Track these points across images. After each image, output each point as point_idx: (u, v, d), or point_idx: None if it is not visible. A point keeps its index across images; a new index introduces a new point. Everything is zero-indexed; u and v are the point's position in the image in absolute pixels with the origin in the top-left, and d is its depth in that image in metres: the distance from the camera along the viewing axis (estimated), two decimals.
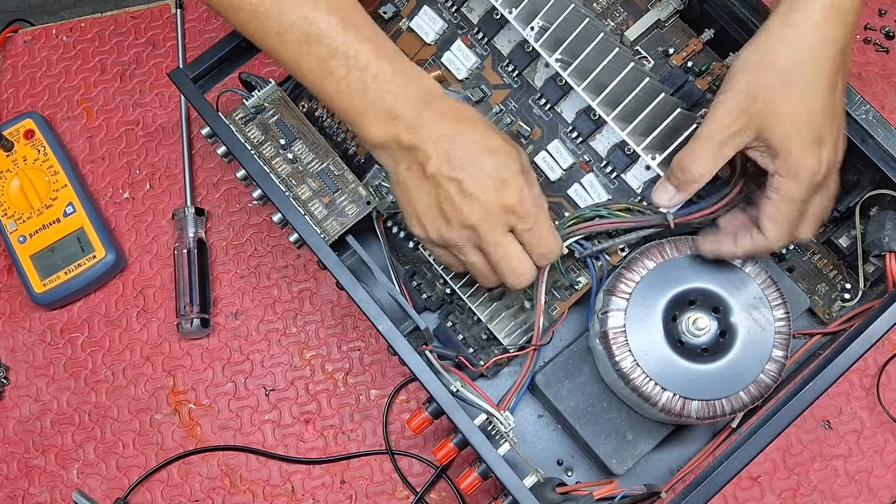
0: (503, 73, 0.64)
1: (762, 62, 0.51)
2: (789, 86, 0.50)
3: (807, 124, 0.50)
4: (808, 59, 0.50)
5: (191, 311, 0.71)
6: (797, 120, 0.50)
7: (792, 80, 0.50)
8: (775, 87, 0.50)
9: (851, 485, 0.67)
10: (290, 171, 0.63)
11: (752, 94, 0.51)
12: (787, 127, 0.50)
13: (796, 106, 0.50)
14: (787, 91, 0.50)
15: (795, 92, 0.50)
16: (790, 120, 0.50)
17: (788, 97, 0.50)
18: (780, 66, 0.50)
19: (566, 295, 0.63)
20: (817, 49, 0.50)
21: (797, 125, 0.50)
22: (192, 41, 0.81)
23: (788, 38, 0.51)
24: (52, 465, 0.71)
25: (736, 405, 0.56)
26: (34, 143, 0.76)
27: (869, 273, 0.63)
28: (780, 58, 0.50)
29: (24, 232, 0.73)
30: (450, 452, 0.58)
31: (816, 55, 0.50)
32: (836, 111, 0.52)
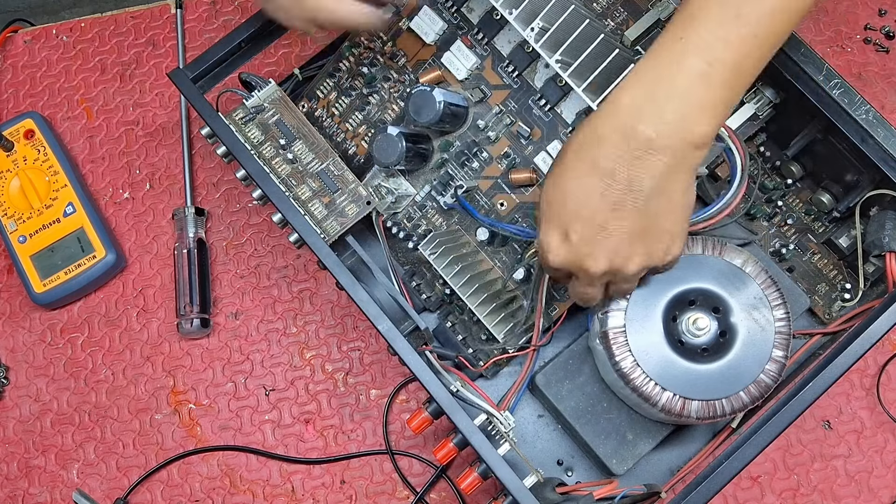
0: (503, 73, 0.64)
1: (570, 135, 0.52)
2: (557, 165, 0.51)
3: (551, 205, 0.51)
4: (574, 148, 0.50)
5: (191, 311, 0.71)
6: (547, 196, 0.51)
7: (561, 158, 0.51)
8: (555, 161, 0.52)
9: (851, 485, 0.67)
10: (290, 171, 0.63)
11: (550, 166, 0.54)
12: (543, 197, 0.51)
13: (552, 184, 0.51)
14: (555, 168, 0.51)
15: (557, 172, 0.51)
16: (546, 194, 0.51)
17: (553, 174, 0.51)
18: (564, 146, 0.51)
19: (565, 296, 0.63)
20: (584, 144, 0.49)
21: (546, 201, 0.51)
22: (192, 41, 0.81)
23: (582, 124, 0.51)
24: (52, 465, 0.71)
25: (736, 405, 0.56)
26: (34, 143, 0.76)
27: (869, 273, 0.63)
28: (571, 135, 0.51)
29: (24, 232, 0.73)
30: (450, 452, 0.58)
31: (581, 149, 0.49)
32: (588, 218, 0.49)
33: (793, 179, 0.66)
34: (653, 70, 0.48)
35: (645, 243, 0.50)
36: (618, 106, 0.48)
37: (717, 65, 0.47)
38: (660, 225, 0.50)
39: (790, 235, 0.67)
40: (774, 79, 0.60)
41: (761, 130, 0.66)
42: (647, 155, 0.47)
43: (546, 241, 0.51)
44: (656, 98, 0.47)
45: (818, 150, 0.63)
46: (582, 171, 0.49)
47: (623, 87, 0.49)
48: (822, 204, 0.65)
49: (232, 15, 0.82)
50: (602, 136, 0.48)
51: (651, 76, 0.48)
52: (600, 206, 0.48)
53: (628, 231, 0.49)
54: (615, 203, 0.48)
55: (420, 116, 0.60)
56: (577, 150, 0.49)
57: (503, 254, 0.64)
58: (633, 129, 0.47)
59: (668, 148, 0.47)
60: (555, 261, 0.51)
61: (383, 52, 0.67)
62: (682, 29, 0.48)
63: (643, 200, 0.48)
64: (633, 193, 0.48)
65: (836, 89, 0.58)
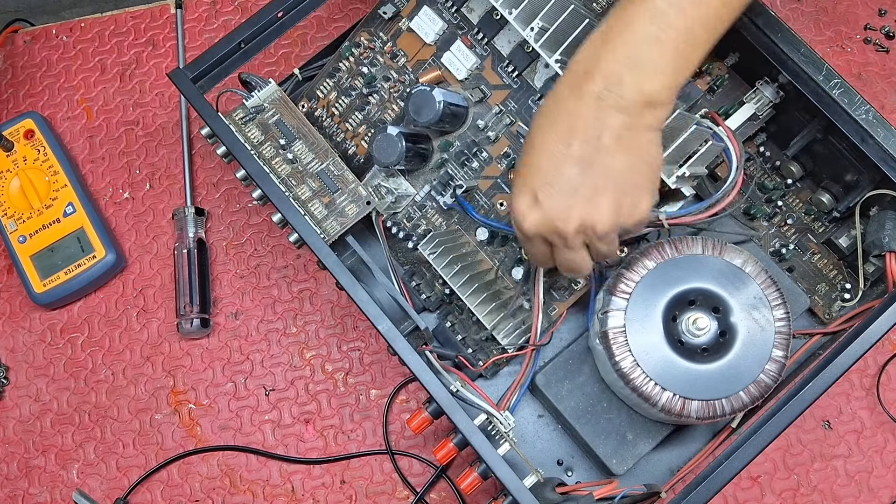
0: (503, 73, 0.64)
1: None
2: (526, 139, 0.52)
3: (519, 173, 0.51)
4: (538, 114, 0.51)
5: (191, 311, 0.71)
6: (517, 167, 0.52)
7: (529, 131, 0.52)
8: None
9: (851, 485, 0.67)
10: (290, 171, 0.63)
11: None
12: (514, 170, 0.52)
13: (521, 154, 0.51)
14: (525, 143, 0.52)
15: (526, 143, 0.52)
16: (516, 167, 0.52)
17: (523, 147, 0.52)
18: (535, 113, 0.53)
19: (565, 295, 0.63)
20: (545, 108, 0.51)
21: (516, 171, 0.52)
22: (192, 41, 0.81)
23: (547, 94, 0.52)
24: (52, 465, 0.71)
25: (736, 405, 0.56)
26: (34, 143, 0.76)
27: (869, 273, 0.63)
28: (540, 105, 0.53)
29: (24, 232, 0.73)
30: (450, 452, 0.58)
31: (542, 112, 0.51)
32: (554, 176, 0.50)
33: (793, 179, 0.66)
34: (608, 32, 0.50)
35: (611, 198, 0.51)
36: (573, 68, 0.50)
37: (670, 30, 0.49)
38: (625, 179, 0.51)
39: (790, 235, 0.67)
40: (774, 79, 0.60)
41: (761, 130, 0.66)
42: (603, 112, 0.49)
43: (517, 209, 0.51)
44: (609, 58, 0.49)
45: (818, 150, 0.63)
46: (545, 133, 0.50)
47: (580, 50, 0.51)
48: (822, 204, 0.65)
49: (232, 15, 0.82)
50: (560, 98, 0.50)
51: (605, 38, 0.50)
52: (563, 165, 0.50)
53: (595, 186, 0.50)
54: (579, 160, 0.49)
55: (420, 116, 0.60)
56: (539, 116, 0.51)
57: (503, 254, 0.64)
58: (586, 89, 0.49)
59: (623, 106, 0.49)
60: (528, 227, 0.51)
61: (383, 51, 0.67)
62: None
63: (606, 156, 0.49)
64: (596, 150, 0.49)
65: (836, 89, 0.58)
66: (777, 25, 0.59)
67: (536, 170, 0.50)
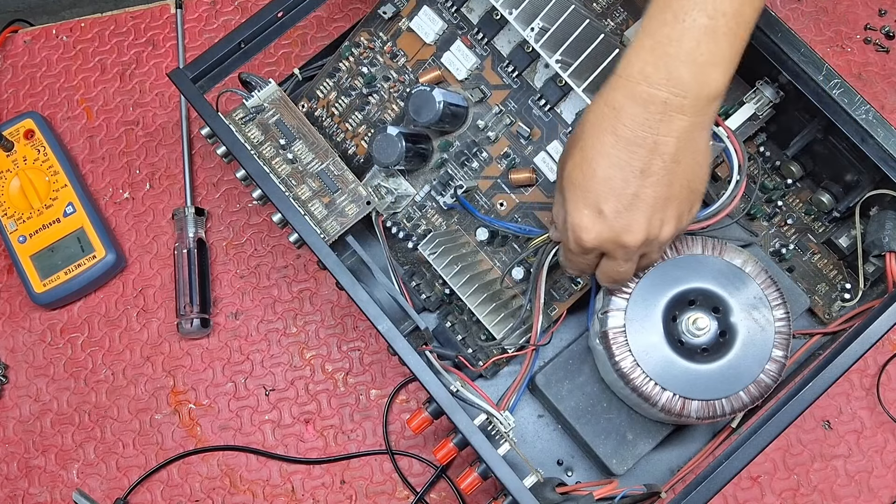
0: (503, 73, 0.64)
1: (580, 121, 0.51)
2: (575, 146, 0.50)
3: (579, 186, 0.49)
4: (593, 124, 0.49)
5: (191, 311, 0.71)
6: (573, 179, 0.50)
7: (577, 142, 0.50)
8: (570, 145, 0.51)
9: (851, 485, 0.67)
10: (290, 171, 0.63)
11: (563, 150, 0.52)
12: (566, 181, 0.50)
13: (574, 166, 0.50)
14: (573, 150, 0.50)
15: (577, 153, 0.50)
16: (569, 177, 0.50)
17: (573, 156, 0.50)
18: (579, 127, 0.50)
19: (565, 295, 0.63)
20: (602, 119, 0.49)
21: (572, 184, 0.50)
22: (192, 41, 0.81)
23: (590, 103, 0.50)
24: (52, 465, 0.71)
25: (736, 405, 0.56)
26: (34, 143, 0.76)
27: (869, 273, 0.63)
28: (582, 118, 0.50)
29: (24, 232, 0.73)
30: (450, 452, 0.58)
31: (600, 125, 0.49)
32: (620, 189, 0.48)
33: (793, 179, 0.66)
34: (657, 32, 0.48)
35: (675, 206, 0.50)
36: (628, 74, 0.48)
37: (720, 17, 0.47)
38: (687, 186, 0.50)
39: (790, 235, 0.67)
40: (774, 79, 0.60)
41: (761, 130, 0.66)
42: (667, 116, 0.47)
43: (578, 223, 0.50)
44: (664, 59, 0.47)
45: (818, 150, 0.63)
46: (605, 144, 0.48)
47: (629, 55, 0.48)
48: (822, 204, 0.65)
49: (232, 15, 0.82)
50: (619, 108, 0.48)
51: (656, 38, 0.47)
52: (630, 176, 0.48)
53: (660, 196, 0.49)
54: (643, 170, 0.48)
55: (420, 116, 0.60)
56: (593, 127, 0.49)
57: (503, 254, 0.64)
58: (647, 93, 0.47)
59: (686, 106, 0.47)
60: (590, 240, 0.50)
61: (383, 51, 0.67)
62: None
63: (671, 162, 0.48)
64: (660, 157, 0.48)
65: (836, 89, 0.58)
66: (777, 25, 0.59)
67: (600, 182, 0.49)
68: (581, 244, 0.50)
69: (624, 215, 0.49)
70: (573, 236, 0.50)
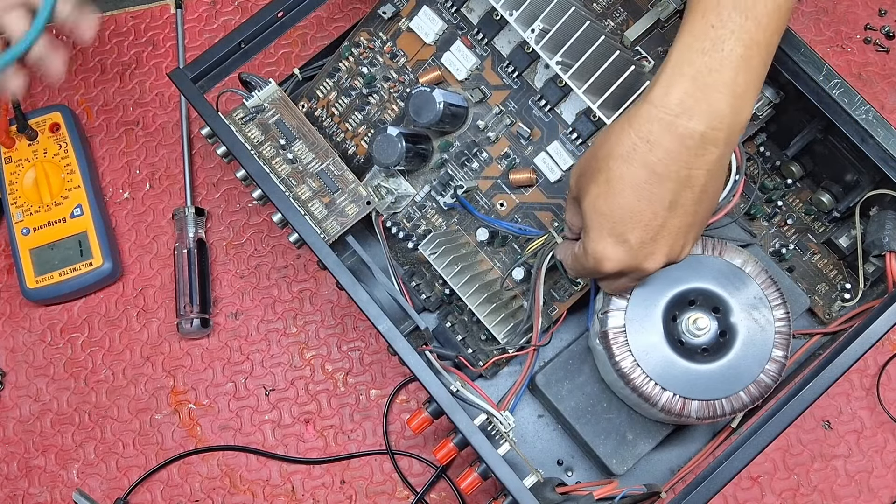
0: (503, 74, 0.64)
1: (600, 141, 0.50)
2: (599, 174, 0.49)
3: (605, 216, 0.49)
4: (622, 156, 0.48)
5: (191, 311, 0.71)
6: (597, 207, 0.49)
7: (602, 170, 0.49)
8: (592, 170, 0.50)
9: (851, 485, 0.67)
10: (290, 171, 0.63)
11: (584, 167, 0.51)
12: (588, 209, 0.50)
13: (598, 195, 0.49)
14: (597, 177, 0.49)
15: (602, 181, 0.49)
16: (592, 205, 0.49)
17: (597, 183, 0.49)
18: (603, 152, 0.49)
19: (565, 296, 0.63)
20: (634, 151, 0.47)
21: (596, 212, 0.49)
22: (192, 41, 0.81)
23: (615, 129, 0.49)
24: (52, 465, 0.71)
25: (736, 405, 0.56)
26: (58, 137, 0.76)
27: (869, 273, 0.63)
28: (605, 144, 0.49)
29: (29, 224, 0.73)
30: (450, 452, 0.58)
31: (631, 157, 0.47)
32: (648, 221, 0.48)
33: (793, 179, 0.66)
34: (696, 61, 0.47)
35: (694, 231, 0.51)
36: (665, 105, 0.47)
37: (755, 47, 0.47)
38: (706, 211, 0.51)
39: (790, 235, 0.67)
40: (774, 79, 0.60)
41: (761, 130, 0.66)
42: (702, 149, 0.47)
43: (601, 251, 0.49)
44: (704, 91, 0.46)
45: (818, 150, 0.64)
46: (636, 178, 0.47)
47: (664, 85, 0.47)
48: (822, 204, 0.65)
49: (232, 15, 0.82)
50: (654, 142, 0.47)
51: (696, 68, 0.47)
52: (659, 209, 0.48)
53: (686, 224, 0.49)
54: (672, 202, 0.48)
55: (420, 117, 0.60)
56: (624, 159, 0.48)
57: (503, 254, 0.64)
58: (686, 127, 0.46)
59: (721, 139, 0.47)
60: (612, 268, 0.50)
61: (383, 51, 0.67)
62: (713, 16, 0.47)
63: (699, 192, 0.48)
64: (691, 189, 0.48)
65: (836, 89, 0.58)
66: None
67: (627, 214, 0.48)
68: (601, 270, 0.51)
69: (648, 245, 0.49)
70: (593, 262, 0.50)
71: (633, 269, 0.50)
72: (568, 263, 0.55)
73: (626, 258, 0.49)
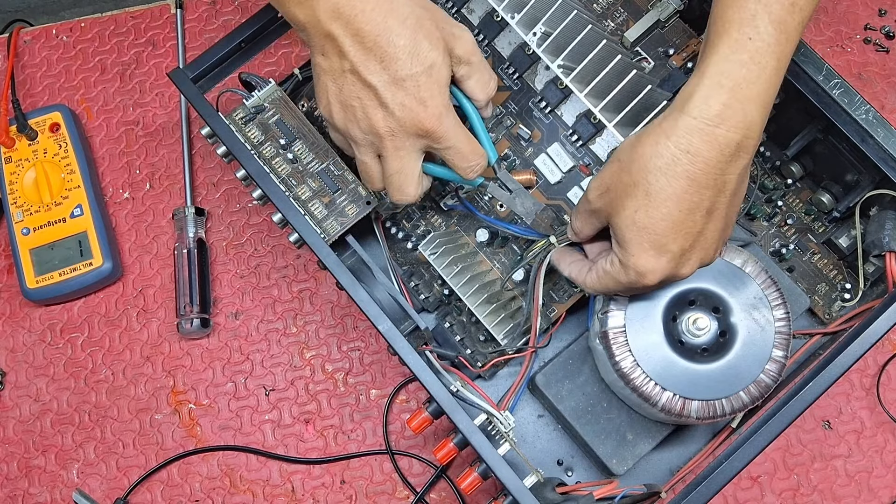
0: (503, 75, 0.64)
1: (631, 155, 0.49)
2: (636, 188, 0.49)
3: (646, 229, 0.49)
4: (661, 169, 0.48)
5: (191, 311, 0.71)
6: (636, 221, 0.49)
7: (639, 184, 0.49)
8: (626, 184, 0.49)
9: (851, 485, 0.67)
10: (290, 171, 0.63)
11: (612, 181, 0.50)
12: (625, 223, 0.50)
13: (637, 208, 0.49)
14: (635, 191, 0.49)
15: (641, 195, 0.49)
16: (630, 219, 0.49)
17: (634, 197, 0.49)
18: (637, 166, 0.49)
19: (564, 297, 0.63)
20: (675, 163, 0.48)
21: (635, 226, 0.49)
22: (192, 41, 0.81)
23: (649, 142, 0.49)
24: (52, 465, 0.71)
25: (736, 405, 0.56)
26: (58, 137, 0.76)
27: (869, 273, 0.63)
28: (640, 157, 0.49)
29: (29, 224, 0.73)
30: (450, 452, 0.58)
31: (672, 169, 0.48)
32: (688, 229, 0.49)
33: (793, 179, 0.66)
34: (734, 74, 0.48)
35: (726, 234, 0.52)
36: (705, 117, 0.47)
37: (784, 59, 0.49)
38: (735, 213, 0.52)
39: (790, 235, 0.67)
40: None
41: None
42: (736, 157, 0.48)
43: (642, 265, 0.50)
44: (742, 102, 0.48)
45: (818, 150, 0.64)
46: (678, 189, 0.48)
47: (703, 96, 0.48)
48: (822, 204, 0.65)
49: (232, 15, 0.82)
50: (695, 153, 0.47)
51: (733, 81, 0.48)
52: (698, 217, 0.49)
53: (719, 229, 0.51)
54: (709, 209, 0.49)
55: None
56: (665, 170, 0.48)
57: (502, 255, 0.64)
58: (725, 137, 0.47)
59: (751, 146, 0.49)
60: (654, 280, 0.50)
61: None
62: (750, 29, 0.48)
63: (731, 197, 0.50)
64: (724, 195, 0.49)
65: (836, 89, 0.58)
66: None
67: (669, 225, 0.49)
68: (644, 283, 0.51)
69: (688, 253, 0.50)
70: (635, 276, 0.51)
71: (671, 278, 0.51)
72: (591, 281, 0.54)
73: (668, 269, 0.50)
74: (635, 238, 0.50)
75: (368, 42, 0.49)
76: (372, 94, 0.50)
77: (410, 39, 0.50)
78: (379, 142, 0.52)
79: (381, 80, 0.50)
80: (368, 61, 0.50)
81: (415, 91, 0.50)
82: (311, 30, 0.51)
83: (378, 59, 0.50)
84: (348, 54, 0.50)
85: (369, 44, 0.49)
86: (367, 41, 0.49)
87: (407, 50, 0.50)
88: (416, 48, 0.50)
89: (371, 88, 0.50)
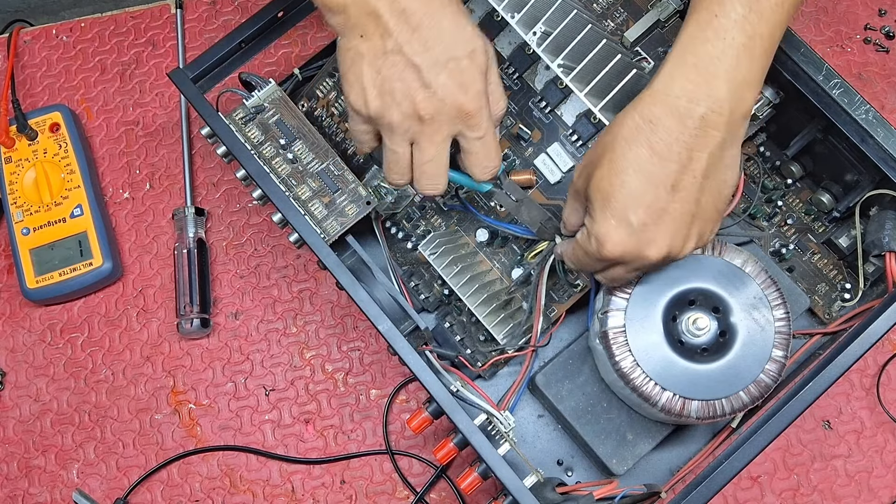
0: (503, 75, 0.64)
1: (607, 129, 0.51)
2: (603, 157, 0.50)
3: (607, 197, 0.49)
4: (625, 137, 0.49)
5: (191, 311, 0.71)
6: (600, 188, 0.49)
7: (606, 153, 0.49)
8: (598, 156, 0.50)
9: (851, 485, 0.67)
10: (290, 171, 0.63)
11: (588, 159, 0.51)
12: (591, 191, 0.50)
13: (602, 177, 0.49)
14: (601, 160, 0.50)
15: (606, 163, 0.49)
16: (595, 187, 0.50)
17: (600, 166, 0.50)
18: (608, 138, 0.50)
19: (564, 297, 0.63)
20: (637, 131, 0.48)
21: (599, 193, 0.49)
22: (192, 41, 0.81)
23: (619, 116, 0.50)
24: (52, 465, 0.71)
25: (736, 405, 0.56)
26: (58, 137, 0.76)
27: (869, 273, 0.63)
28: (610, 131, 0.50)
29: (29, 224, 0.73)
30: (450, 452, 0.58)
31: (635, 137, 0.48)
32: (649, 203, 0.49)
33: (793, 179, 0.66)
34: (699, 50, 0.48)
35: (700, 224, 0.51)
36: (667, 89, 0.48)
37: (757, 38, 0.48)
38: (712, 205, 0.51)
39: (790, 235, 0.67)
40: (774, 79, 0.60)
41: (761, 130, 0.66)
42: (703, 132, 0.48)
43: (603, 232, 0.50)
44: (706, 77, 0.48)
45: (818, 150, 0.64)
46: (639, 157, 0.48)
47: (669, 71, 0.49)
48: (822, 204, 0.65)
49: (232, 15, 0.82)
50: (655, 122, 0.48)
51: (698, 56, 0.48)
52: (661, 190, 0.48)
53: (687, 212, 0.50)
54: (674, 185, 0.48)
55: None
56: (627, 139, 0.49)
57: (502, 255, 0.64)
58: (686, 108, 0.48)
59: (722, 123, 0.48)
60: (613, 251, 0.50)
61: None
62: (717, 6, 0.48)
63: (701, 178, 0.49)
64: (692, 173, 0.49)
65: (836, 89, 0.58)
66: None
67: (630, 194, 0.48)
68: (603, 253, 0.50)
69: (650, 229, 0.49)
70: (595, 244, 0.50)
71: (635, 256, 0.50)
72: (568, 254, 0.55)
73: (628, 240, 0.49)
74: (598, 205, 0.50)
75: (414, 21, 0.49)
76: (416, 75, 0.50)
77: (454, 22, 0.50)
78: (417, 126, 0.51)
79: (426, 60, 0.49)
80: (413, 41, 0.49)
81: (458, 74, 0.50)
82: (352, 9, 0.50)
83: (423, 40, 0.49)
84: (393, 33, 0.49)
85: (414, 23, 0.49)
86: (412, 20, 0.49)
87: (451, 32, 0.50)
88: (461, 31, 0.50)
89: (415, 68, 0.49)
